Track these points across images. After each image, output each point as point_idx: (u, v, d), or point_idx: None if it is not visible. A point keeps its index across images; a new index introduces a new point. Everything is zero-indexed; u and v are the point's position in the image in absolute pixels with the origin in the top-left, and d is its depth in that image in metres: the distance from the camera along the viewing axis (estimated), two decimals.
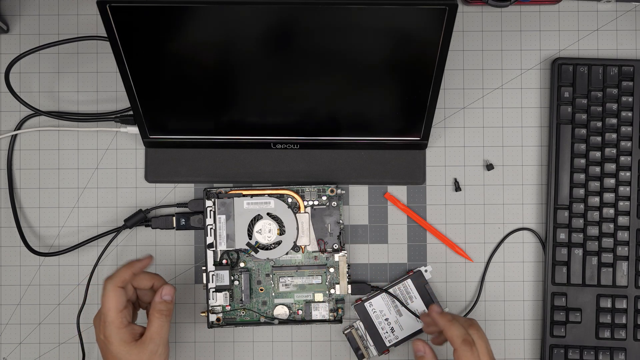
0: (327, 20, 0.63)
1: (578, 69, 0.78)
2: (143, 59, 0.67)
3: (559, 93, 0.78)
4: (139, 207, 0.80)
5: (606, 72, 0.78)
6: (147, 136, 0.77)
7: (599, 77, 0.78)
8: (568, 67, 0.78)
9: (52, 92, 0.81)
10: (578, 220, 0.78)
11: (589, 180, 0.78)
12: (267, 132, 0.76)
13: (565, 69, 0.78)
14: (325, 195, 0.79)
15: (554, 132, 0.78)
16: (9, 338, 0.80)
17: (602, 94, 0.78)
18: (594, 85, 0.78)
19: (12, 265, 0.80)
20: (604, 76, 0.78)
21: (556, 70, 0.78)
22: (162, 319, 0.68)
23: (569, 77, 0.78)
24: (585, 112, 0.78)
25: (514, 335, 0.80)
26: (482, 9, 0.81)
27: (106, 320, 0.66)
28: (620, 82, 0.78)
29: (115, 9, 0.62)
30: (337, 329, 0.80)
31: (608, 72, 0.78)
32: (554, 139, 0.78)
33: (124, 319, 0.67)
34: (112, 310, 0.66)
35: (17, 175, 0.81)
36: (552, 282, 0.78)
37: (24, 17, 0.81)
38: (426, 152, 0.80)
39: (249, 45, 0.66)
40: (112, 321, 0.66)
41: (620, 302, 0.77)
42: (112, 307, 0.66)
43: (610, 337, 0.77)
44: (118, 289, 0.67)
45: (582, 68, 0.78)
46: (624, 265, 0.77)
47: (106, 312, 0.66)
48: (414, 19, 0.63)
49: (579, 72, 0.78)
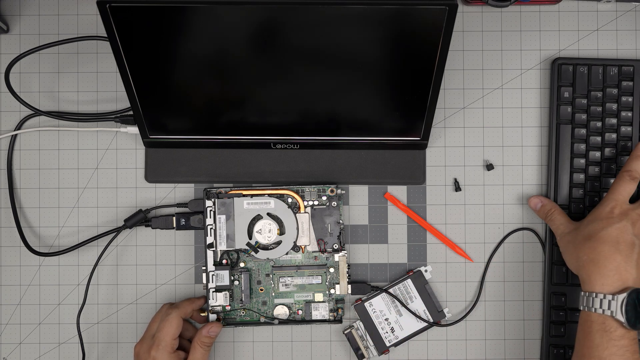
0: (327, 20, 0.63)
1: (578, 69, 0.78)
2: (143, 59, 0.67)
3: (559, 93, 0.78)
4: (139, 207, 0.80)
5: (606, 72, 0.78)
6: (147, 136, 0.77)
7: (599, 77, 0.78)
8: (568, 67, 0.78)
9: (52, 92, 0.81)
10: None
11: (588, 180, 0.78)
12: (267, 132, 0.76)
13: (565, 69, 0.78)
14: (325, 195, 0.79)
15: (553, 132, 0.78)
16: (9, 338, 0.80)
17: (602, 94, 0.78)
18: (593, 86, 0.78)
19: (12, 265, 0.80)
20: (603, 76, 0.78)
21: (556, 70, 0.78)
22: (204, 349, 0.74)
23: (568, 77, 0.78)
24: (585, 112, 0.78)
25: (514, 335, 0.80)
26: (482, 9, 0.81)
27: (160, 344, 0.72)
28: (620, 82, 0.78)
29: (115, 9, 0.62)
30: (337, 329, 0.80)
31: (608, 72, 0.78)
32: (554, 139, 0.78)
33: (175, 346, 0.74)
34: (169, 335, 0.73)
35: (17, 175, 0.81)
36: (551, 282, 0.78)
37: (24, 17, 0.81)
38: (426, 152, 0.80)
39: (249, 45, 0.66)
40: (165, 346, 0.72)
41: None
42: (171, 333, 0.73)
43: None
44: (181, 318, 0.74)
45: (582, 68, 0.78)
46: None
47: (163, 337, 0.73)
48: (414, 19, 0.63)
49: (578, 72, 0.78)
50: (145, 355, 0.73)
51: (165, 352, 0.72)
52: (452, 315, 0.80)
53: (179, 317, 0.74)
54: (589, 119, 0.78)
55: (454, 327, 0.80)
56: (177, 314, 0.74)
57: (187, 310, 0.75)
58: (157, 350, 0.72)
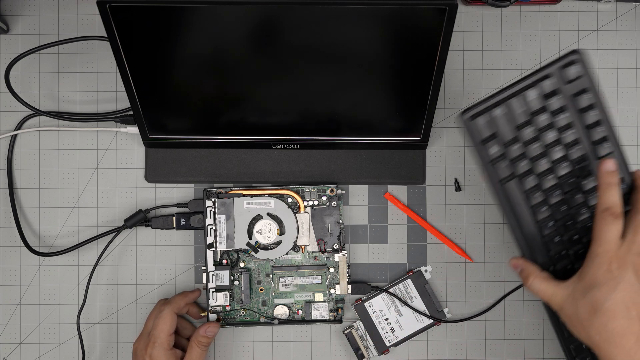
0: (327, 20, 0.63)
1: (493, 114, 0.63)
2: (143, 59, 0.67)
3: (486, 152, 0.64)
4: (139, 207, 0.80)
5: (526, 99, 0.63)
6: (147, 136, 0.77)
7: (520, 109, 0.63)
8: (480, 118, 0.63)
9: (52, 92, 0.81)
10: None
11: (559, 226, 0.66)
12: (267, 132, 0.76)
13: (479, 122, 0.63)
14: (325, 195, 0.79)
15: (500, 194, 0.65)
16: (9, 338, 0.80)
17: (533, 126, 0.64)
18: (519, 122, 0.64)
19: (12, 265, 0.80)
20: (526, 104, 0.63)
21: (471, 127, 0.63)
22: (201, 349, 0.74)
23: (487, 129, 0.64)
24: (524, 156, 0.64)
25: (514, 335, 0.80)
26: (482, 9, 0.81)
27: (156, 341, 0.72)
28: (547, 102, 0.64)
29: (115, 9, 0.62)
30: (337, 329, 0.80)
31: (527, 98, 0.63)
32: (505, 202, 0.65)
33: (171, 342, 0.73)
34: (164, 332, 0.72)
35: (17, 175, 0.81)
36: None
37: (24, 17, 0.81)
38: (426, 152, 0.80)
39: (248, 45, 0.66)
40: (161, 343, 0.72)
41: None
42: (165, 330, 0.73)
43: None
44: (174, 314, 0.74)
45: (496, 111, 0.63)
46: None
47: (158, 334, 0.72)
48: (414, 19, 0.63)
49: (494, 118, 0.63)
50: (142, 353, 0.73)
51: (161, 349, 0.72)
52: (452, 315, 0.80)
53: (172, 313, 0.74)
54: (532, 161, 0.64)
55: (454, 326, 0.80)
56: (170, 310, 0.74)
57: (180, 304, 0.75)
58: (154, 348, 0.72)
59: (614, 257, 0.59)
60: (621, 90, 0.81)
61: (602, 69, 0.81)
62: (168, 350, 0.73)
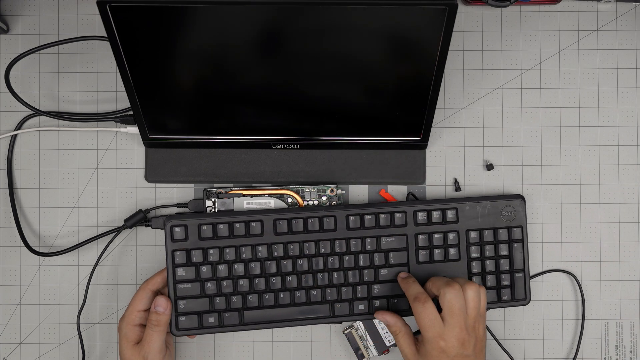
0: (327, 20, 0.63)
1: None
2: (143, 59, 0.67)
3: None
4: (139, 207, 0.80)
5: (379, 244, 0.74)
6: (147, 136, 0.77)
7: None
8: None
9: (52, 92, 0.81)
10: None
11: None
12: (267, 132, 0.76)
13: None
14: (325, 195, 0.79)
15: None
16: (9, 338, 0.80)
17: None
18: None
19: (12, 265, 0.80)
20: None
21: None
22: (151, 329, 0.72)
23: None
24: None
25: (514, 335, 0.80)
26: (482, 9, 0.81)
27: (124, 315, 0.73)
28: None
29: (115, 9, 0.62)
30: (337, 329, 0.80)
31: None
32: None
33: (138, 318, 0.72)
34: (132, 306, 0.72)
35: (17, 175, 0.81)
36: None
37: (24, 17, 0.81)
38: (426, 152, 0.80)
39: (249, 45, 0.66)
40: (127, 316, 0.72)
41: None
42: (134, 304, 0.72)
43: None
44: (150, 291, 0.73)
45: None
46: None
47: (128, 309, 0.72)
48: (414, 19, 0.63)
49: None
50: (118, 326, 0.74)
51: (125, 322, 0.72)
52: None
53: (147, 290, 0.73)
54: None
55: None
56: (145, 286, 0.73)
57: (156, 281, 0.74)
58: (122, 321, 0.72)
59: (440, 339, 0.68)
60: (621, 90, 0.81)
61: (602, 69, 0.81)
62: (131, 325, 0.72)
